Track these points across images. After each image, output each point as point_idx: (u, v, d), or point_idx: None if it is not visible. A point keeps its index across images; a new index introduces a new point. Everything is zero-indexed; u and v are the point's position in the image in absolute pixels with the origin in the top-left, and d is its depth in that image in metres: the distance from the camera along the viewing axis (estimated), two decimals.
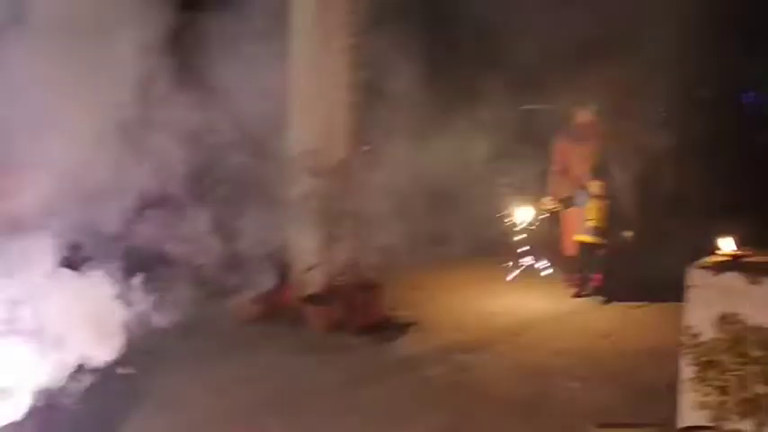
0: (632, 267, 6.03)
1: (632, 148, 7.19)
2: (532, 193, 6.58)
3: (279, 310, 5.45)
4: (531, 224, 6.53)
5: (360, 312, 5.34)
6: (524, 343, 5.12)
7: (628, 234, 6.07)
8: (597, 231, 5.82)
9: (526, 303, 5.92)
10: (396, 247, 5.57)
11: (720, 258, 3.40)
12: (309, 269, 5.39)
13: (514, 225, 6.59)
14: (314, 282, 5.43)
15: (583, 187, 5.88)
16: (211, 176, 4.79)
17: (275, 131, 5.25)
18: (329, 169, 5.40)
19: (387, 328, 5.30)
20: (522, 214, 6.50)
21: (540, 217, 6.47)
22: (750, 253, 3.42)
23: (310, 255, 5.43)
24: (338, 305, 5.33)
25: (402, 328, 5.33)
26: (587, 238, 5.88)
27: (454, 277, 6.54)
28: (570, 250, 6.14)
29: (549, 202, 6.16)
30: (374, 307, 5.42)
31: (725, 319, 3.17)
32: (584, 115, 6.11)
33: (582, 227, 5.88)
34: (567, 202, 6.04)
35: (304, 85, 5.51)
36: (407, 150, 5.80)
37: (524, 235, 6.58)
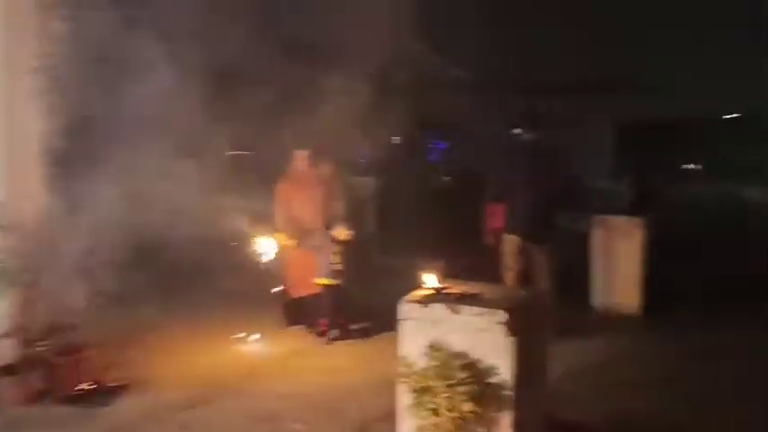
0: (354, 305, 6.31)
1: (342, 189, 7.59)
2: (262, 236, 6.49)
3: None
4: (267, 265, 6.44)
5: (64, 380, 4.81)
6: (251, 391, 5.03)
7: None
8: (339, 274, 6.02)
9: (254, 350, 5.86)
10: (106, 303, 5.13)
11: (426, 292, 3.74)
12: (1, 337, 4.72)
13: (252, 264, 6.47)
14: (7, 350, 4.77)
15: (323, 231, 6.06)
16: None
17: None
18: (21, 224, 4.83)
19: (98, 394, 4.84)
20: (264, 249, 6.37)
21: (269, 263, 6.40)
22: (450, 285, 3.81)
23: (1, 320, 4.77)
24: (38, 374, 4.74)
25: (117, 391, 4.90)
26: (330, 281, 6.04)
27: (178, 330, 6.23)
28: (300, 292, 6.23)
29: (285, 242, 6.15)
30: (82, 372, 4.91)
31: (433, 348, 3.48)
32: (302, 159, 6.28)
33: (324, 270, 6.01)
34: (302, 245, 6.11)
35: None
36: (116, 197, 5.41)
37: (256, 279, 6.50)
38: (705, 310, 6.96)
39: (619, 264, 6.92)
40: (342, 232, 6.07)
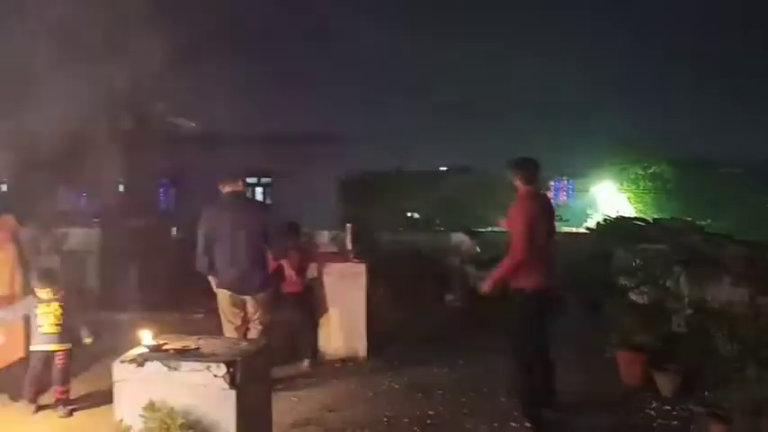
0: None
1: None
2: None
3: None
4: None
5: None
6: None
7: (88, 340, 5.62)
8: (58, 338, 5.31)
9: None
10: None
11: (142, 350, 3.54)
12: None
13: None
14: None
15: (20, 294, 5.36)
16: None
17: None
18: None
19: None
20: None
21: None
22: (169, 341, 3.65)
23: None
24: None
25: None
26: (52, 347, 5.30)
27: None
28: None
29: None
30: None
31: (152, 407, 3.30)
32: None
33: (38, 337, 5.28)
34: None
35: None
36: None
37: None
38: (420, 348, 7.53)
39: (345, 309, 7.19)
40: (43, 292, 5.32)
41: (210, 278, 5.95)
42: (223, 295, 5.90)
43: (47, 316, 5.29)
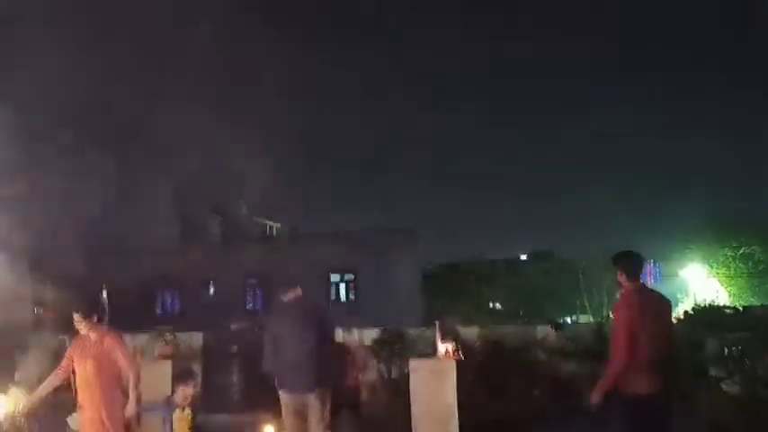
0: None
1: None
2: None
3: None
4: None
5: None
6: None
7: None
8: None
9: None
10: None
11: None
12: None
13: None
14: None
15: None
16: None
17: None
18: None
19: None
20: None
21: None
22: None
23: None
24: None
25: None
26: None
27: None
28: None
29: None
30: None
31: None
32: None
33: None
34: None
35: None
36: None
37: None
38: None
39: (436, 403, 7.40)
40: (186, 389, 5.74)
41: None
42: (282, 396, 6.21)
43: (180, 422, 5.61)
